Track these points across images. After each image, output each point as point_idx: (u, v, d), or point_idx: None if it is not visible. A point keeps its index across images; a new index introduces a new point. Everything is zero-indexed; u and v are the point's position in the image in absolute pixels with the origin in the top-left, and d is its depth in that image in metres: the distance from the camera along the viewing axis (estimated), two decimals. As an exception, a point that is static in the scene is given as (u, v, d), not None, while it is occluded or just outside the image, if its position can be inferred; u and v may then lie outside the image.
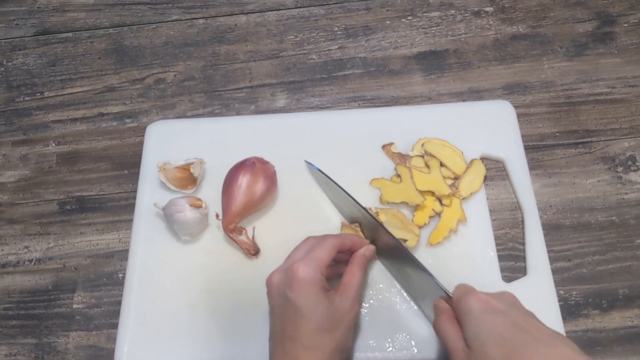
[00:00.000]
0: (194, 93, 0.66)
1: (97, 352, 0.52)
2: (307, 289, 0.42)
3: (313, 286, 0.42)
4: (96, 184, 0.61)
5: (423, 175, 0.54)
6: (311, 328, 0.41)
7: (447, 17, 0.69)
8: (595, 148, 0.58)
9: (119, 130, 0.64)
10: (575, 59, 0.64)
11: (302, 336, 0.41)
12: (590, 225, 0.54)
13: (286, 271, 0.43)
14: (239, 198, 0.52)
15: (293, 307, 0.42)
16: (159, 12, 0.73)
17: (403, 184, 0.54)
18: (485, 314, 0.38)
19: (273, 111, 0.64)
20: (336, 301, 0.43)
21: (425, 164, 0.55)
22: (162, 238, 0.55)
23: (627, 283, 0.52)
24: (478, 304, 0.39)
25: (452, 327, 0.40)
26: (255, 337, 0.49)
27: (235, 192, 0.52)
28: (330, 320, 0.42)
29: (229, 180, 0.53)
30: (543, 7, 0.68)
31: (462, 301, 0.40)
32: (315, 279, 0.42)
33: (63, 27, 0.73)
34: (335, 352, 0.41)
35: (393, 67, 0.65)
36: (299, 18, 0.70)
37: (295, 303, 0.41)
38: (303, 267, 0.42)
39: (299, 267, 0.42)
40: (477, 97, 0.62)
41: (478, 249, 0.52)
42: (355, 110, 0.62)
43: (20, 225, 0.60)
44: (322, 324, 0.41)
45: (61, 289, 0.56)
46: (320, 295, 0.42)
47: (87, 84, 0.68)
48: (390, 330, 0.49)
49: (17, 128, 0.66)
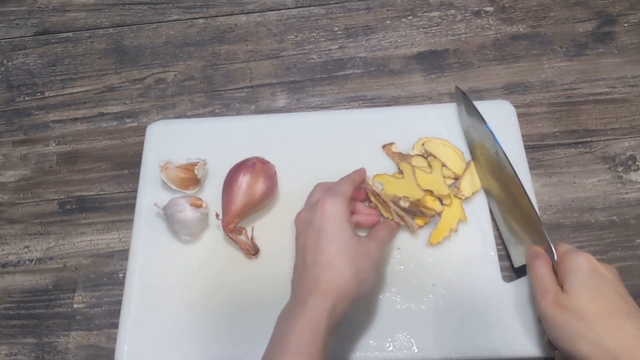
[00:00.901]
0: (194, 93, 0.66)
1: (97, 352, 0.52)
2: (333, 216, 0.43)
3: (339, 215, 0.43)
4: (96, 184, 0.61)
5: (424, 174, 0.55)
6: (333, 249, 0.42)
7: (447, 17, 0.69)
8: (596, 148, 0.58)
9: (119, 130, 0.64)
10: (575, 58, 0.64)
11: (323, 256, 0.42)
12: (590, 224, 0.54)
13: (313, 205, 0.45)
14: (239, 198, 0.52)
15: (317, 231, 0.43)
16: (159, 12, 0.73)
17: (405, 179, 0.54)
18: (592, 273, 0.40)
19: (273, 111, 0.64)
20: (362, 238, 0.44)
21: (428, 164, 0.55)
22: (162, 238, 0.55)
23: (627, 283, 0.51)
24: (588, 264, 0.40)
25: (549, 271, 0.43)
26: (255, 336, 0.49)
27: (235, 192, 0.52)
28: (353, 250, 0.42)
29: (229, 180, 0.53)
30: (543, 7, 0.68)
31: (572, 256, 0.41)
32: (341, 209, 0.44)
33: (63, 27, 0.73)
34: (355, 278, 0.41)
35: (393, 67, 0.65)
36: (299, 18, 0.70)
37: (320, 227, 0.43)
38: (329, 199, 0.44)
39: (325, 200, 0.44)
40: (477, 97, 0.62)
41: (478, 249, 0.52)
42: (355, 110, 0.62)
43: (21, 225, 0.60)
44: (344, 248, 0.42)
45: (61, 288, 0.56)
46: (345, 224, 0.43)
47: (88, 83, 0.68)
48: (390, 330, 0.49)
49: (18, 128, 0.66)
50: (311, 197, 0.50)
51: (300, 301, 0.40)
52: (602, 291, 0.39)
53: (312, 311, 0.39)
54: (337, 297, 0.40)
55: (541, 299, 0.40)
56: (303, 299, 0.40)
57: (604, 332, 0.36)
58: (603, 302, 0.38)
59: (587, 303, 0.38)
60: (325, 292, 0.40)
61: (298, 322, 0.39)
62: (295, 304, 0.41)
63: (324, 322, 0.39)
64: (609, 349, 0.36)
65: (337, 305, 0.40)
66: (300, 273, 0.43)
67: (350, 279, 0.41)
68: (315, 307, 0.39)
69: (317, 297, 0.40)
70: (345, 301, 0.41)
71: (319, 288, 0.40)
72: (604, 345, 0.36)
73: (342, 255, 0.42)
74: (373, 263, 0.44)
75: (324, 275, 0.41)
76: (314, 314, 0.39)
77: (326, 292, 0.40)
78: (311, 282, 0.41)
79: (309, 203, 0.48)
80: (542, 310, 0.40)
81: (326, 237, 0.42)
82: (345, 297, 0.41)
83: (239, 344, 0.49)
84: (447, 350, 0.47)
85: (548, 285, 0.41)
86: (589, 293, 0.39)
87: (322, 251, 0.42)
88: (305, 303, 0.40)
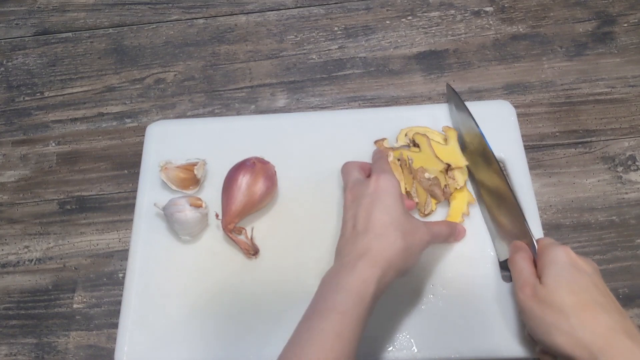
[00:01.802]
0: (194, 93, 0.66)
1: (97, 352, 0.52)
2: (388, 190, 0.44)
3: (394, 189, 0.44)
4: (96, 184, 0.61)
5: (441, 146, 0.55)
6: (386, 219, 0.42)
7: (447, 17, 0.69)
8: (595, 148, 0.59)
9: (119, 130, 0.64)
10: (575, 58, 0.64)
11: (376, 226, 0.42)
12: (590, 225, 0.54)
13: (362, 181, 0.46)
14: (239, 198, 0.52)
15: (371, 202, 0.43)
16: (159, 12, 0.73)
17: (422, 152, 0.55)
18: (570, 267, 0.40)
19: (273, 111, 0.64)
20: (414, 219, 0.45)
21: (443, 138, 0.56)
22: (162, 238, 0.55)
23: (627, 283, 0.52)
24: (566, 257, 0.41)
25: (529, 264, 0.43)
26: (255, 336, 0.49)
27: (235, 192, 0.52)
28: (404, 225, 0.43)
29: (228, 180, 0.53)
30: (543, 7, 0.68)
31: (551, 249, 0.42)
32: (395, 184, 0.45)
33: (63, 27, 0.73)
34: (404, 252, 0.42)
35: (393, 67, 0.66)
36: (299, 18, 0.70)
37: (374, 199, 0.43)
38: (383, 175, 0.45)
39: (380, 175, 0.45)
40: (477, 97, 0.62)
41: (478, 249, 0.52)
42: (355, 110, 0.62)
43: (21, 225, 0.60)
44: (397, 221, 0.42)
45: (61, 288, 0.56)
46: (399, 199, 0.44)
47: (87, 84, 0.68)
48: (390, 330, 0.49)
49: (17, 128, 0.66)
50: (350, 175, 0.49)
51: (348, 265, 0.40)
52: (580, 284, 0.39)
53: (362, 275, 0.39)
54: (387, 266, 0.40)
55: (519, 292, 0.41)
56: (352, 264, 0.40)
57: (579, 324, 0.37)
58: (580, 295, 0.38)
59: (563, 295, 0.38)
60: (375, 259, 0.40)
61: (347, 284, 0.39)
62: (342, 268, 0.41)
63: (372, 287, 0.39)
64: (584, 341, 0.36)
65: (385, 274, 0.40)
66: (349, 239, 0.43)
67: (400, 252, 0.41)
68: (365, 272, 0.39)
69: (367, 262, 0.40)
70: (393, 272, 0.41)
71: (370, 254, 0.40)
72: (578, 336, 0.36)
73: (394, 227, 0.42)
74: (421, 244, 0.44)
75: (375, 244, 0.41)
76: (363, 278, 0.39)
77: (376, 259, 0.40)
78: (362, 248, 0.41)
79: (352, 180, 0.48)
80: (520, 302, 0.41)
81: (379, 208, 0.43)
82: (393, 268, 0.41)
83: (239, 344, 0.49)
84: (447, 350, 0.47)
85: (527, 278, 0.42)
86: (566, 286, 0.39)
87: (374, 221, 0.42)
88: (355, 267, 0.40)
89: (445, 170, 0.54)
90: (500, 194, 0.50)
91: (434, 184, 0.52)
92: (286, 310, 0.50)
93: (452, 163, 0.54)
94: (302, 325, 0.39)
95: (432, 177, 0.52)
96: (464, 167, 0.54)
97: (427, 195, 0.53)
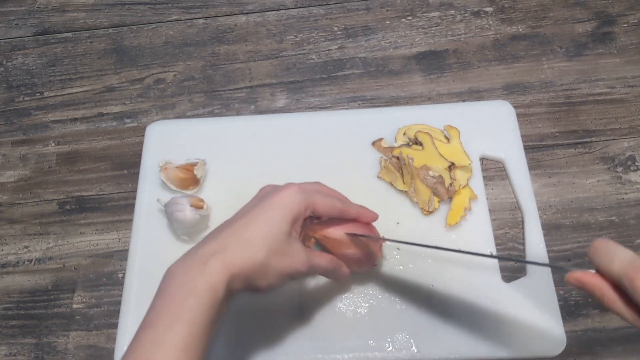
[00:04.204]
0: (193, 93, 0.66)
1: (97, 352, 0.52)
2: (284, 207, 0.41)
3: (291, 211, 0.41)
4: (96, 184, 0.61)
5: (443, 145, 0.55)
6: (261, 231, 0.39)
7: (447, 17, 0.69)
8: (595, 148, 0.59)
9: (118, 130, 0.64)
10: (575, 59, 0.64)
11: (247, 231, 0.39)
12: (589, 225, 0.54)
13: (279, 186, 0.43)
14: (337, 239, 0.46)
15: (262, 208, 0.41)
16: (158, 12, 0.73)
17: (425, 150, 0.55)
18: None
19: (273, 111, 0.64)
20: (296, 244, 0.41)
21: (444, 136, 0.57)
22: (161, 238, 0.55)
23: (626, 283, 0.52)
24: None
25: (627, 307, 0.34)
26: (254, 336, 0.49)
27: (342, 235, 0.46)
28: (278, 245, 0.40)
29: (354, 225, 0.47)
30: (542, 7, 0.68)
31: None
32: (296, 207, 0.41)
33: (63, 27, 0.73)
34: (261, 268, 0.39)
35: (393, 67, 0.66)
36: (298, 18, 0.70)
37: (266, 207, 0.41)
38: (295, 192, 0.42)
39: (291, 189, 0.42)
40: (476, 97, 0.62)
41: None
42: (355, 110, 0.62)
43: (20, 225, 0.60)
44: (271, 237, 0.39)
45: (61, 289, 0.56)
46: (287, 220, 0.40)
47: (87, 84, 0.68)
48: (390, 330, 0.49)
49: (17, 128, 0.66)
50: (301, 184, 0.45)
51: (200, 261, 0.38)
52: None
53: (211, 278, 0.36)
54: (237, 273, 0.38)
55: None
56: (203, 261, 0.37)
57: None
58: None
59: None
60: (226, 260, 0.38)
61: (196, 287, 0.36)
62: (193, 263, 0.38)
63: (222, 292, 0.37)
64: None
65: (234, 279, 0.38)
66: (221, 228, 0.41)
67: (257, 266, 0.38)
68: (215, 274, 0.37)
69: (218, 262, 0.37)
70: (242, 282, 0.38)
71: (223, 254, 0.38)
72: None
73: (265, 241, 0.39)
74: (289, 271, 0.41)
75: (235, 246, 0.38)
76: (213, 281, 0.36)
77: (227, 262, 0.38)
78: (220, 244, 0.39)
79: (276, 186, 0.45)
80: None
81: (264, 217, 0.40)
82: (243, 278, 0.38)
83: (239, 344, 0.49)
84: (446, 350, 0.47)
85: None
86: None
87: (251, 226, 0.40)
88: (206, 265, 0.37)
89: (449, 168, 0.54)
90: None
91: (438, 182, 0.52)
92: (286, 310, 0.50)
93: (456, 161, 0.54)
94: (146, 333, 0.35)
95: (436, 175, 0.53)
96: (467, 165, 0.54)
97: (430, 194, 0.53)
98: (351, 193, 0.53)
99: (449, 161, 0.54)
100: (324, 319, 0.49)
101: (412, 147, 0.56)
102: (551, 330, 0.48)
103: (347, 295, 0.50)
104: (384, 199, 0.55)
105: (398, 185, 0.55)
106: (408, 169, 0.54)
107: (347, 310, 0.50)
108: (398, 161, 0.55)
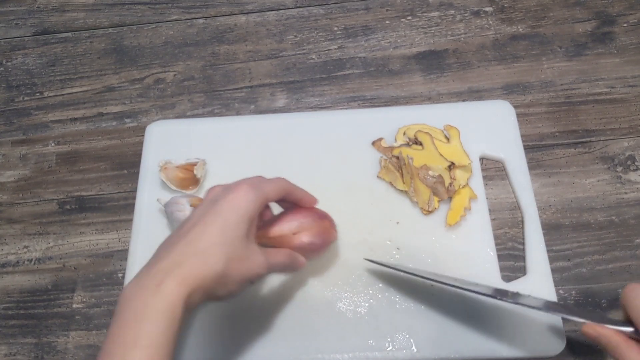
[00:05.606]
0: (193, 93, 0.66)
1: (96, 352, 0.52)
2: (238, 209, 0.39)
3: (245, 211, 0.39)
4: (96, 184, 0.61)
5: (443, 145, 0.55)
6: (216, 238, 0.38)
7: (447, 17, 0.69)
8: (595, 148, 0.59)
9: (118, 130, 0.64)
10: (575, 58, 0.64)
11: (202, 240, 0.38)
12: (589, 224, 0.55)
13: (230, 186, 0.41)
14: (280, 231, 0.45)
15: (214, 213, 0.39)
16: (158, 12, 0.73)
17: (425, 150, 0.55)
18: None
19: (273, 111, 0.64)
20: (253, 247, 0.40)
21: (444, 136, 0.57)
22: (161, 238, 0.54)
23: (626, 282, 0.51)
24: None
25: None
26: (254, 336, 0.49)
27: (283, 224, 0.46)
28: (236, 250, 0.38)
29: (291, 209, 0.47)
30: (542, 7, 0.68)
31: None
32: (250, 207, 0.39)
33: (63, 27, 0.73)
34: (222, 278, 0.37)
35: (393, 67, 0.66)
36: (298, 18, 0.70)
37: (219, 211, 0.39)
38: (247, 191, 0.40)
39: (242, 187, 0.40)
40: (476, 97, 0.62)
41: (478, 249, 0.52)
42: (355, 110, 0.62)
43: (20, 225, 0.60)
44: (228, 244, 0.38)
45: (61, 288, 0.56)
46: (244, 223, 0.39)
47: (87, 83, 0.68)
48: (390, 330, 0.49)
49: (17, 128, 0.66)
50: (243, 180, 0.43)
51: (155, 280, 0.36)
52: None
53: (168, 297, 0.35)
54: (197, 286, 0.36)
55: None
56: (159, 279, 0.35)
57: None
58: None
59: None
60: (184, 276, 0.36)
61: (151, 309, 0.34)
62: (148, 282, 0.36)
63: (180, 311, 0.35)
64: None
65: (194, 293, 0.36)
66: (172, 241, 0.39)
67: (216, 277, 0.37)
68: (172, 294, 0.35)
69: (175, 280, 0.35)
70: (203, 295, 0.37)
71: (180, 271, 0.36)
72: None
73: (222, 249, 0.37)
74: (248, 274, 0.39)
75: (192, 260, 0.37)
76: (170, 301, 0.35)
77: (185, 277, 0.36)
78: (175, 260, 0.37)
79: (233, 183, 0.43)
80: None
81: (218, 223, 0.38)
82: (204, 290, 0.37)
83: (238, 344, 0.49)
84: (446, 350, 0.47)
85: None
86: None
87: (205, 234, 0.38)
88: (162, 285, 0.35)
89: (449, 168, 0.54)
90: None
91: (438, 182, 0.52)
92: (285, 310, 0.50)
93: (456, 161, 0.54)
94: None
95: (436, 175, 0.53)
96: (467, 165, 0.54)
97: (429, 193, 0.53)
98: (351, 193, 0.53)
99: (448, 161, 0.54)
100: (323, 319, 0.49)
101: (412, 147, 0.56)
102: (551, 330, 0.48)
103: (347, 295, 0.50)
104: (383, 199, 0.55)
105: (398, 185, 0.55)
106: (408, 168, 0.54)
107: (347, 310, 0.50)
108: (398, 161, 0.55)
